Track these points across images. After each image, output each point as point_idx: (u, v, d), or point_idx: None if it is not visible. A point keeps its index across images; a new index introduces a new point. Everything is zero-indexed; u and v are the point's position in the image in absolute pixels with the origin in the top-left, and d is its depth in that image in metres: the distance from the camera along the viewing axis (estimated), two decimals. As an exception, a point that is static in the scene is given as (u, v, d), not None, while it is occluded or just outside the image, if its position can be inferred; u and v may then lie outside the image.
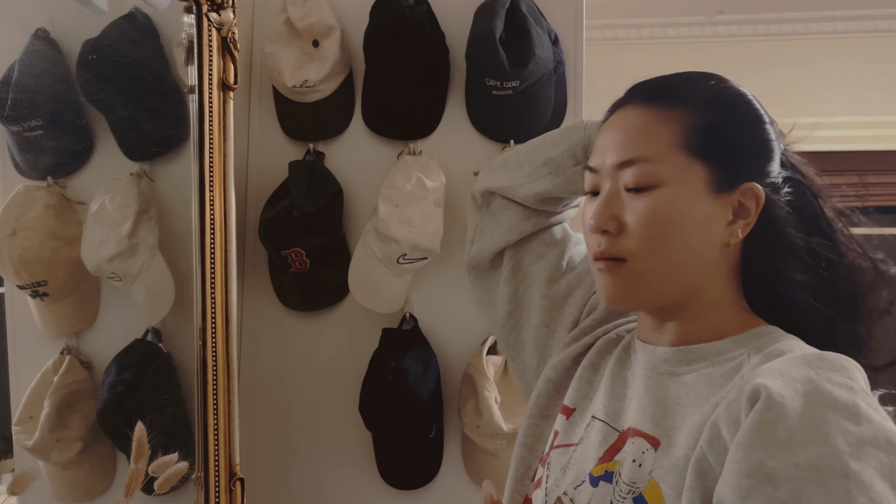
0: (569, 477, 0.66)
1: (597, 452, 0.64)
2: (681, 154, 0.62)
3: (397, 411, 1.23)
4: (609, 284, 0.65)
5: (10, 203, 1.00)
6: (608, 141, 0.66)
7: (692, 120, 0.63)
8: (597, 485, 0.61)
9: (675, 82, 0.67)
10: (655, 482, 0.57)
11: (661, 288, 0.64)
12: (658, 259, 0.63)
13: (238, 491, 1.16)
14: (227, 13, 1.13)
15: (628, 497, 0.58)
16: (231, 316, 1.14)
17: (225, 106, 1.15)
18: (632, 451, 0.61)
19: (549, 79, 1.29)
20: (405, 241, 1.21)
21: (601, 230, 0.65)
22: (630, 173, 0.63)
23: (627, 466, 0.60)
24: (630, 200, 0.63)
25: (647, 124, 0.64)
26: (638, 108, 0.66)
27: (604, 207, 0.65)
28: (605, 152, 0.66)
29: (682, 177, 0.62)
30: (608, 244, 0.64)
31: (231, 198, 1.15)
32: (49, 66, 1.03)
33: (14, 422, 0.99)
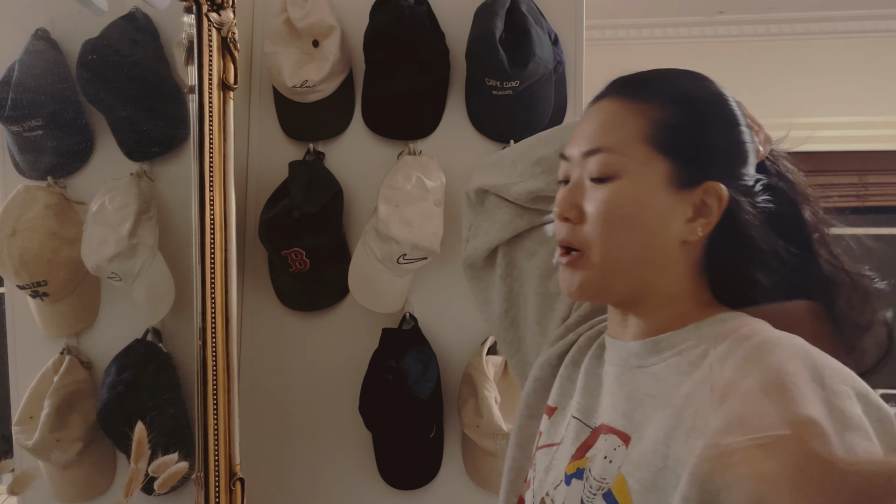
0: (550, 477, 0.66)
1: (570, 450, 0.65)
2: (644, 147, 0.63)
3: (397, 411, 1.23)
4: (569, 278, 0.66)
5: (10, 203, 1.00)
6: (581, 131, 0.68)
7: (661, 115, 0.63)
8: (570, 483, 0.62)
9: (650, 77, 0.68)
10: (623, 477, 0.57)
11: (615, 279, 0.65)
12: (611, 249, 0.63)
13: (238, 491, 1.16)
14: (227, 13, 1.13)
15: (598, 494, 0.58)
16: (231, 316, 1.14)
17: (225, 106, 1.15)
18: (603, 447, 0.62)
19: (549, 79, 1.29)
20: (405, 241, 1.21)
21: (563, 217, 0.66)
22: (594, 162, 0.64)
23: (598, 463, 0.61)
24: (591, 190, 0.64)
25: (616, 116, 0.65)
26: (612, 101, 0.67)
27: (568, 195, 0.66)
28: (577, 141, 0.67)
29: (642, 169, 0.62)
30: (567, 232, 0.66)
31: (231, 198, 1.15)
32: (49, 66, 1.03)
33: (14, 422, 0.99)
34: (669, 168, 0.62)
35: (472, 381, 1.25)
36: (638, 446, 0.58)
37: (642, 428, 0.59)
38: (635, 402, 0.62)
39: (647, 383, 0.62)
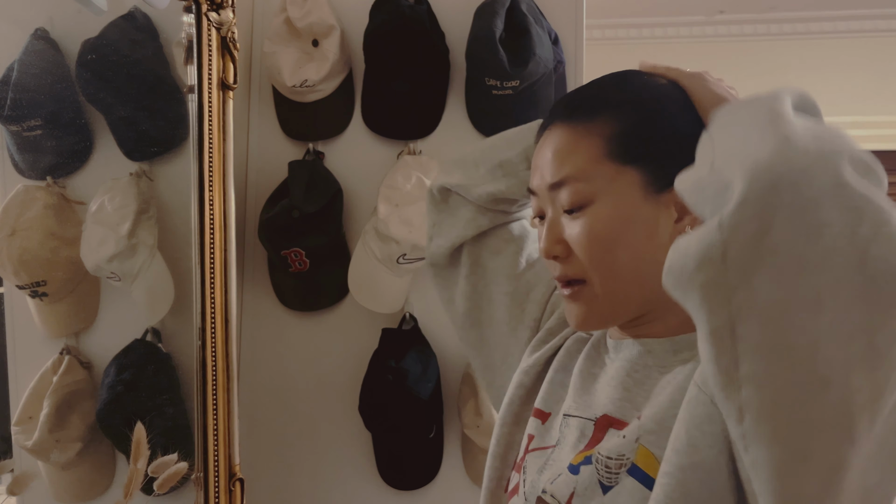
0: (546, 476, 0.64)
1: (575, 448, 0.63)
2: (607, 164, 0.62)
3: (397, 411, 1.23)
4: (574, 311, 0.65)
5: (9, 203, 1.00)
6: (538, 162, 0.66)
7: (611, 128, 0.62)
8: (577, 471, 0.60)
9: (588, 94, 0.67)
10: (646, 449, 0.56)
11: (624, 302, 0.64)
12: (611, 276, 0.62)
13: (238, 491, 1.16)
14: (226, 13, 1.13)
15: (621, 471, 0.57)
16: (231, 316, 1.14)
17: (224, 106, 1.15)
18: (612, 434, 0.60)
19: (549, 78, 1.29)
20: (405, 241, 1.21)
21: (551, 256, 0.65)
22: (563, 195, 0.63)
23: (610, 443, 0.59)
24: (569, 222, 0.63)
25: (568, 143, 0.64)
26: (559, 128, 0.65)
27: (548, 234, 0.65)
28: (538, 174, 0.66)
29: (613, 187, 0.61)
30: (563, 268, 0.65)
31: (231, 198, 1.15)
32: (48, 66, 1.03)
33: (13, 422, 0.98)
34: (640, 175, 0.61)
35: (472, 381, 1.25)
36: (653, 416, 0.57)
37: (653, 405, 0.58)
38: (645, 395, 0.61)
39: (666, 379, 0.61)
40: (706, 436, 0.49)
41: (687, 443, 0.50)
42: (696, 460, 0.49)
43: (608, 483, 0.57)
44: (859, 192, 0.40)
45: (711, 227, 0.42)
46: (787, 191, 0.40)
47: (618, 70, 0.69)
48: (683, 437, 0.51)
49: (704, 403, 0.50)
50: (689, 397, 0.52)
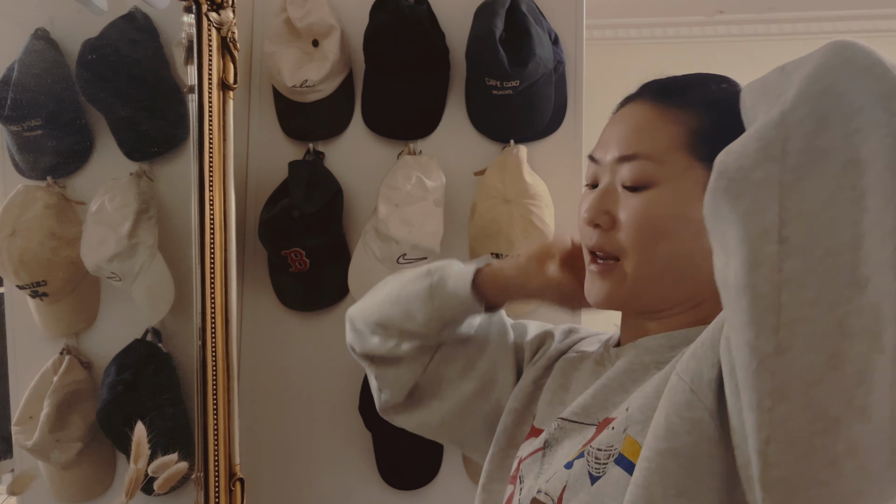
0: (542, 479, 0.64)
1: (573, 449, 0.63)
2: (682, 154, 0.62)
3: (397, 411, 1.23)
4: (599, 287, 0.65)
5: (9, 203, 1.00)
6: (612, 135, 0.66)
7: (698, 122, 0.62)
8: (571, 466, 0.60)
9: (685, 82, 0.67)
10: (632, 438, 0.56)
11: (650, 291, 0.64)
12: (648, 262, 0.62)
13: (238, 491, 1.16)
14: (226, 13, 1.13)
15: (609, 461, 0.57)
16: (231, 316, 1.14)
17: (225, 106, 1.15)
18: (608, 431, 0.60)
19: (549, 79, 1.29)
20: (405, 241, 1.21)
21: (593, 224, 0.65)
22: (628, 169, 0.63)
23: (601, 436, 0.59)
24: (625, 197, 0.63)
25: (651, 122, 0.64)
26: (645, 105, 0.65)
27: (598, 202, 0.64)
28: (607, 145, 0.66)
29: (681, 178, 0.61)
30: (600, 238, 0.64)
31: (231, 198, 1.15)
32: (49, 66, 1.03)
33: (14, 422, 0.99)
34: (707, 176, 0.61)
35: (472, 381, 1.25)
36: (639, 405, 0.57)
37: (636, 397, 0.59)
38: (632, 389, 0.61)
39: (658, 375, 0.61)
40: (685, 422, 0.50)
41: (666, 429, 0.50)
42: (674, 446, 0.50)
43: (596, 474, 0.57)
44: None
45: (770, 124, 0.42)
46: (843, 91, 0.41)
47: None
48: (663, 423, 0.51)
49: (684, 391, 0.51)
50: (670, 386, 0.53)
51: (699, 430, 0.49)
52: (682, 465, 0.49)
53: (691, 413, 0.49)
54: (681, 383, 0.51)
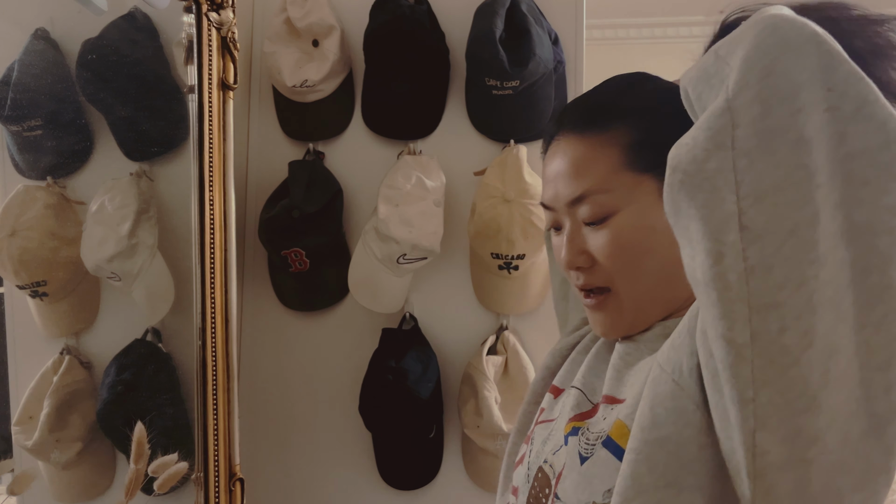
0: (549, 446, 0.65)
1: (567, 416, 0.64)
2: (627, 174, 0.62)
3: (397, 411, 1.23)
4: (599, 320, 0.66)
5: (9, 203, 1.00)
6: (553, 177, 0.66)
7: (627, 137, 0.62)
8: (567, 442, 0.61)
9: (597, 103, 0.67)
10: (621, 421, 0.56)
11: (650, 308, 0.64)
12: (637, 283, 0.63)
13: (238, 491, 1.16)
14: (226, 13, 1.13)
15: (597, 443, 0.58)
16: (231, 316, 1.14)
17: (225, 106, 1.15)
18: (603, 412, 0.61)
19: (550, 78, 1.29)
20: (405, 241, 1.21)
21: (574, 267, 0.65)
22: (584, 209, 0.63)
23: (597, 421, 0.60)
24: (592, 234, 0.64)
25: (584, 155, 0.64)
26: (572, 139, 0.65)
27: (570, 246, 0.65)
28: (553, 189, 0.66)
29: (634, 196, 0.61)
30: (587, 278, 0.65)
31: (231, 198, 1.15)
32: (49, 66, 1.03)
33: (14, 422, 0.98)
34: (658, 183, 0.61)
35: (472, 381, 1.25)
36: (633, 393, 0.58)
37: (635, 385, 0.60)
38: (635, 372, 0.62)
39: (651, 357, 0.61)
40: (670, 412, 0.50)
41: (651, 419, 0.51)
42: (661, 435, 0.50)
43: (585, 454, 0.58)
44: (847, 70, 0.41)
45: (716, 112, 0.43)
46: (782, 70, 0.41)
47: (618, 72, 0.69)
48: (648, 413, 0.51)
49: (666, 381, 0.51)
50: (653, 377, 0.53)
51: (684, 420, 0.49)
52: (669, 454, 0.49)
53: (675, 402, 0.50)
54: (663, 374, 0.52)
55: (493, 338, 1.31)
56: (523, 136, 1.31)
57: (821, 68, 0.41)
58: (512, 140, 1.31)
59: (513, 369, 1.28)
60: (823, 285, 0.40)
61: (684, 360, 0.50)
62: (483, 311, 1.34)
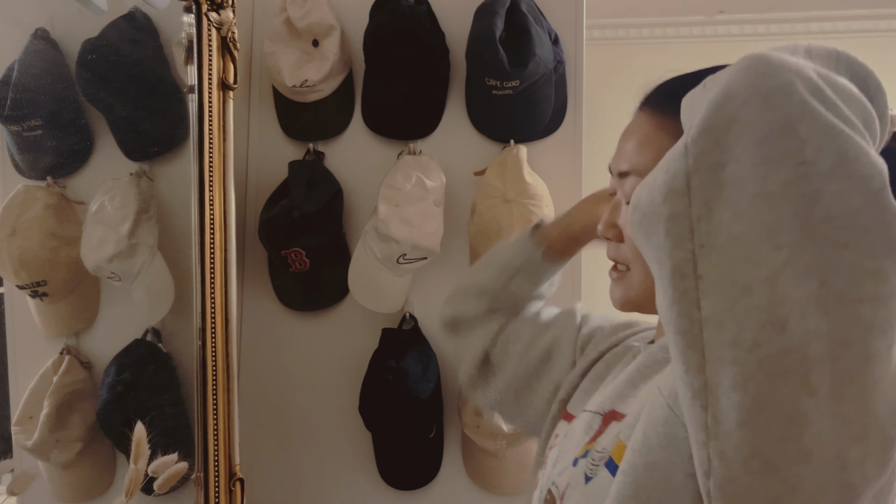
0: (557, 468, 0.66)
1: (581, 441, 0.64)
2: None
3: (397, 411, 1.23)
4: (616, 292, 0.69)
5: (9, 203, 1.00)
6: (619, 148, 0.68)
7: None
8: (576, 464, 0.62)
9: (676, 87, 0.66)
10: (622, 442, 0.56)
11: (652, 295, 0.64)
12: (646, 270, 0.63)
13: (238, 491, 1.15)
14: (226, 13, 1.13)
15: (600, 464, 0.58)
16: (231, 316, 1.14)
17: (225, 106, 1.15)
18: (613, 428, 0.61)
19: (549, 78, 1.29)
20: (405, 241, 1.21)
21: (605, 237, 0.68)
22: (628, 185, 0.65)
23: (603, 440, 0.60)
24: (626, 211, 0.65)
25: (646, 134, 0.65)
26: (645, 115, 0.66)
27: (608, 216, 0.67)
28: (617, 157, 0.68)
29: None
30: (611, 250, 0.68)
31: (231, 198, 1.15)
32: (49, 66, 1.03)
33: (14, 422, 0.98)
34: None
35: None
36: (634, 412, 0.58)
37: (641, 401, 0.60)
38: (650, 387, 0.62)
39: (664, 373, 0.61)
40: (661, 437, 0.49)
41: (643, 443, 0.50)
42: (650, 460, 0.49)
43: (590, 474, 0.58)
44: (824, 125, 0.39)
45: (675, 155, 0.41)
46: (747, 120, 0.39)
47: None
48: (640, 437, 0.51)
49: (662, 407, 0.50)
50: (651, 400, 0.53)
51: (674, 446, 0.48)
52: (656, 481, 0.49)
53: (667, 428, 0.49)
54: (660, 398, 0.51)
55: (493, 338, 1.31)
56: (523, 136, 1.31)
57: (793, 119, 0.38)
58: (512, 140, 1.30)
59: (513, 369, 1.28)
60: (782, 352, 0.38)
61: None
62: (483, 311, 1.34)
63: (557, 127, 1.33)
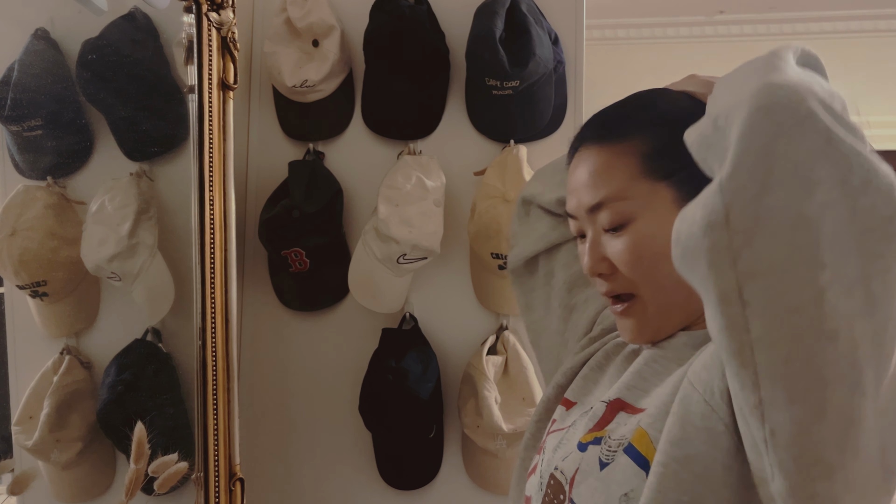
0: (559, 454, 0.67)
1: (586, 427, 0.65)
2: (644, 182, 0.63)
3: (397, 411, 1.23)
4: (627, 326, 0.67)
5: (9, 203, 1.00)
6: (575, 184, 0.68)
7: (645, 146, 0.64)
8: (585, 449, 0.62)
9: (618, 115, 0.68)
10: (643, 430, 0.57)
11: (675, 313, 0.65)
12: (660, 289, 0.64)
13: (238, 491, 1.16)
14: (226, 13, 1.13)
15: (618, 450, 0.58)
16: (231, 316, 1.14)
17: (225, 106, 1.15)
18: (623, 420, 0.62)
19: (549, 78, 1.29)
20: (405, 241, 1.21)
21: (596, 274, 0.67)
22: (603, 215, 0.65)
23: (618, 429, 0.61)
24: (610, 241, 0.65)
25: (603, 164, 0.65)
26: (592, 149, 0.67)
27: (591, 253, 0.67)
28: (577, 197, 0.68)
29: (651, 203, 0.63)
30: (610, 284, 0.67)
31: (231, 198, 1.15)
32: (49, 66, 1.03)
33: (14, 422, 0.98)
34: (673, 191, 0.62)
35: (472, 381, 1.25)
36: (655, 402, 0.59)
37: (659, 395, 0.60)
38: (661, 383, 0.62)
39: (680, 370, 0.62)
40: (700, 431, 0.51)
41: (681, 436, 0.52)
42: (689, 453, 0.51)
43: (606, 460, 0.59)
44: (848, 146, 0.41)
45: (713, 191, 0.43)
46: (780, 152, 0.41)
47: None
48: (678, 430, 0.52)
49: (698, 402, 0.52)
50: (684, 394, 0.54)
51: (713, 440, 0.50)
52: (696, 474, 0.50)
53: (706, 423, 0.51)
54: (695, 393, 0.53)
55: (493, 338, 1.31)
56: (523, 136, 1.31)
57: (821, 145, 0.41)
58: (512, 140, 1.31)
59: (513, 369, 1.28)
60: (835, 361, 0.40)
61: (716, 383, 0.51)
62: (483, 311, 1.34)
63: (557, 127, 1.33)
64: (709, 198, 0.43)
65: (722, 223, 0.42)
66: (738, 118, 0.43)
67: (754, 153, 0.41)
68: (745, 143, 0.42)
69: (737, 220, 0.41)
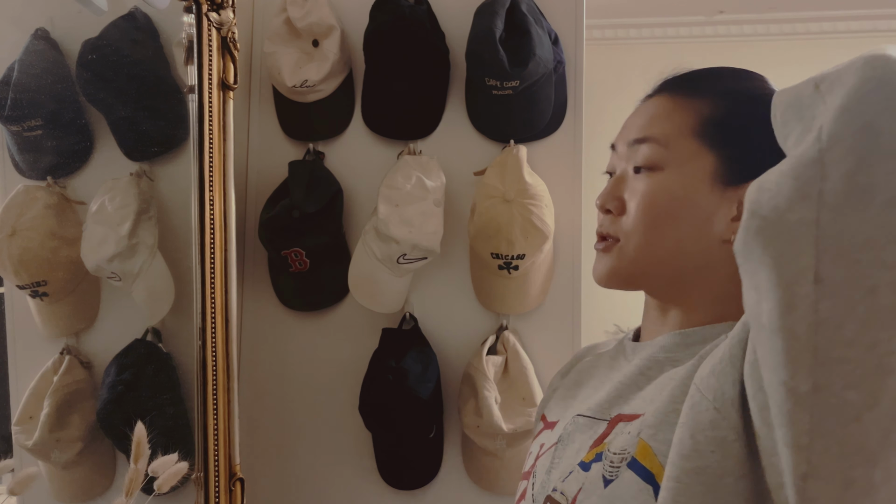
0: (555, 475, 0.65)
1: (585, 445, 0.64)
2: (691, 140, 0.63)
3: (397, 411, 1.23)
4: (601, 263, 0.68)
5: (9, 203, 1.00)
6: (629, 123, 0.69)
7: (710, 110, 0.64)
8: (588, 468, 0.61)
9: (701, 74, 0.69)
10: (645, 442, 0.56)
11: (648, 270, 0.65)
12: (647, 243, 0.64)
13: (238, 491, 1.16)
14: (226, 13, 1.13)
15: (622, 465, 0.57)
16: (231, 316, 1.14)
17: (225, 106, 1.15)
18: (622, 429, 0.61)
19: (549, 78, 1.29)
20: (405, 241, 1.21)
21: (604, 209, 0.68)
22: (642, 149, 0.65)
23: (617, 440, 0.60)
24: (633, 181, 0.65)
25: (665, 110, 0.66)
26: (661, 98, 0.68)
27: (611, 188, 0.68)
28: (624, 133, 0.69)
29: (688, 163, 0.62)
30: (607, 224, 0.68)
31: (231, 198, 1.15)
32: (49, 66, 1.03)
33: (14, 422, 0.98)
34: (715, 163, 0.62)
35: (472, 381, 1.25)
36: (655, 410, 0.58)
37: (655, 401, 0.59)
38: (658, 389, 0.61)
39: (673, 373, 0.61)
40: (710, 441, 0.49)
41: (692, 447, 0.50)
42: (700, 465, 0.49)
43: (610, 477, 0.58)
44: None
45: (807, 162, 0.41)
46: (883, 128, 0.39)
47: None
48: (688, 442, 0.51)
49: (707, 410, 0.50)
50: (692, 402, 0.52)
51: (724, 450, 0.49)
52: (707, 485, 0.49)
53: (715, 432, 0.49)
54: (704, 401, 0.51)
55: (493, 338, 1.31)
56: (523, 136, 1.31)
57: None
58: (512, 140, 1.31)
59: (513, 369, 1.28)
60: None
61: (726, 389, 0.49)
62: (483, 311, 1.34)
63: (557, 127, 1.33)
64: (801, 168, 0.41)
65: (815, 196, 0.40)
66: (844, 85, 0.41)
67: (857, 128, 0.39)
68: (848, 115, 0.40)
69: (829, 195, 0.40)
